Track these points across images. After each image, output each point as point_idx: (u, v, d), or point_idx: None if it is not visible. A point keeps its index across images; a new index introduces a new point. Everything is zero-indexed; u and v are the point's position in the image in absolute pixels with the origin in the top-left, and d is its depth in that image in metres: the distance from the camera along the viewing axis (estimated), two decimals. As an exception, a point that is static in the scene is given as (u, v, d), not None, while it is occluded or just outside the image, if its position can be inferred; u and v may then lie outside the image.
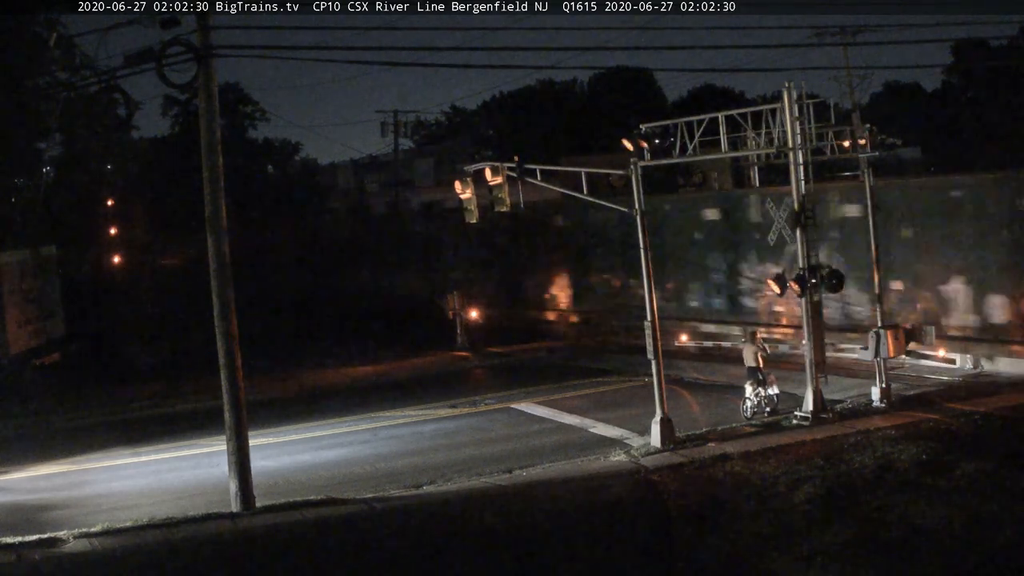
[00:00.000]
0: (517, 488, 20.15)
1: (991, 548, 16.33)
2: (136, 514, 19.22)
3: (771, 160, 27.37)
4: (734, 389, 26.14)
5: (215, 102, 19.55)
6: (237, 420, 19.58)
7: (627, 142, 23.38)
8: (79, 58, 36.33)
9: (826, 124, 24.94)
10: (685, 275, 35.50)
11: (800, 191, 23.52)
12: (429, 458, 23.11)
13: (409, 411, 28.46)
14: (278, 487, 20.91)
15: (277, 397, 31.58)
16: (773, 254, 31.43)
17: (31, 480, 23.43)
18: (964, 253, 27.39)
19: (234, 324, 19.65)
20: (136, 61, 19.09)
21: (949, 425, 22.34)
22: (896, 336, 24.31)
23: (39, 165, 42.17)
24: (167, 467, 24.04)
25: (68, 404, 31.77)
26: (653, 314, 22.78)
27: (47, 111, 37.55)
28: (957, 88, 66.42)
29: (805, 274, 23.22)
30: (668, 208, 36.14)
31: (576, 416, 26.26)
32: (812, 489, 19.11)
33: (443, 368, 35.89)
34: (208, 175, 19.54)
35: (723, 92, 74.47)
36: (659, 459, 21.47)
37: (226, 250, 19.62)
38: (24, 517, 19.89)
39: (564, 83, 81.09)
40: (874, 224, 25.70)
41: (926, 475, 19.28)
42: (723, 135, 24.05)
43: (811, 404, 23.58)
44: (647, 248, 22.97)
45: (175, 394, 33.01)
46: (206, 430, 25.70)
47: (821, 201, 30.05)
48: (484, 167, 24.12)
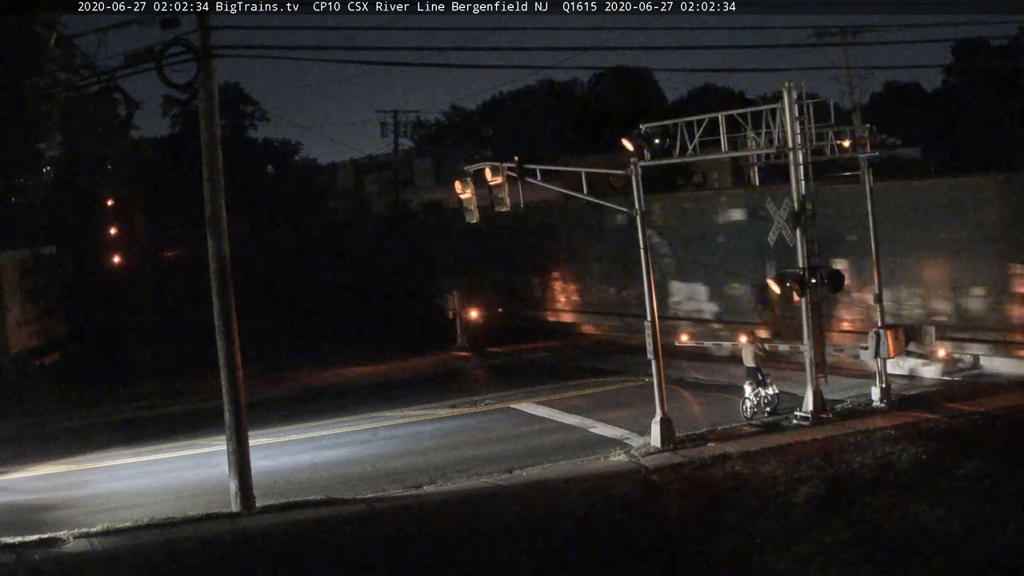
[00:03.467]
0: (517, 488, 20.16)
1: (991, 548, 16.32)
2: (136, 514, 19.23)
3: (771, 160, 27.37)
4: (734, 389, 26.14)
5: (215, 102, 19.56)
6: (237, 420, 19.60)
7: (627, 142, 23.39)
8: (79, 58, 36.45)
9: (826, 124, 24.93)
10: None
11: (800, 191, 23.54)
12: (429, 458, 23.11)
13: (409, 411, 28.45)
14: (278, 487, 20.91)
15: (277, 397, 31.56)
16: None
17: (31, 480, 23.43)
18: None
19: (234, 324, 19.66)
20: (136, 61, 19.15)
21: (949, 425, 22.35)
22: (896, 336, 24.32)
23: (39, 165, 42.20)
24: (167, 467, 24.04)
25: (68, 404, 31.77)
26: (653, 314, 22.80)
27: (47, 111, 37.60)
28: (957, 88, 66.43)
29: (805, 274, 23.23)
30: (688, 206, 36.21)
31: (576, 416, 26.26)
32: (812, 489, 19.12)
33: (443, 368, 35.87)
34: (208, 175, 19.55)
35: (723, 92, 74.51)
36: (659, 459, 21.48)
37: (226, 250, 19.63)
38: (24, 517, 19.89)
39: (564, 83, 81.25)
40: (874, 224, 25.68)
41: (926, 475, 19.28)
42: (723, 135, 24.05)
43: (811, 404, 23.59)
44: (647, 248, 22.99)
45: (175, 394, 33.00)
46: (206, 430, 25.70)
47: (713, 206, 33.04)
48: (484, 167, 24.09)
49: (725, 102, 47.96)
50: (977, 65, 59.33)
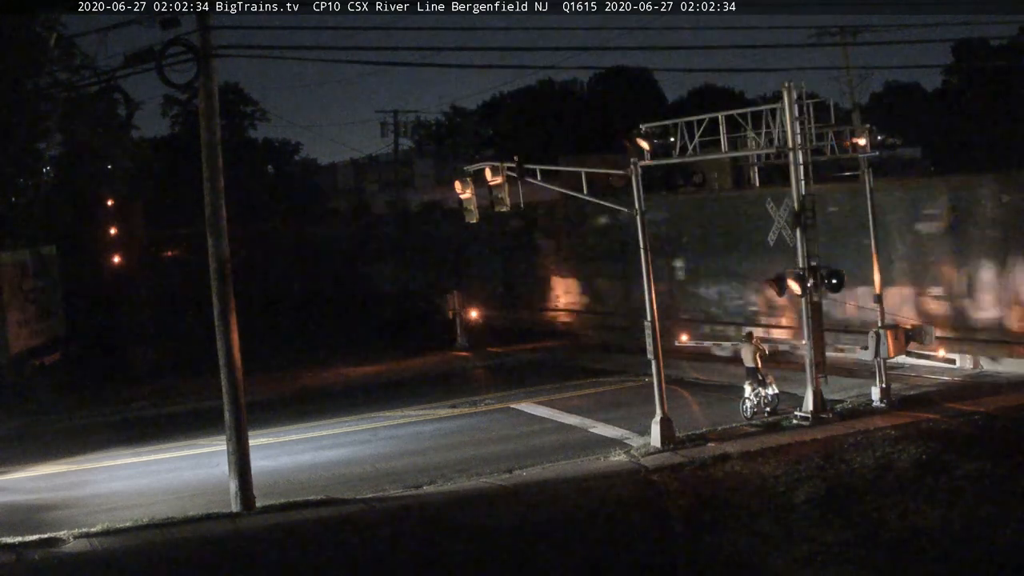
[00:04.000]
0: (517, 488, 20.15)
1: (991, 548, 16.32)
2: (136, 514, 19.22)
3: (771, 160, 27.37)
4: (734, 389, 26.13)
5: (215, 102, 19.56)
6: (237, 420, 19.59)
7: (627, 142, 23.39)
8: (79, 58, 36.43)
9: (826, 124, 24.94)
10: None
11: (800, 191, 23.54)
12: (429, 458, 23.11)
13: (409, 411, 28.45)
14: (278, 487, 20.91)
15: (277, 397, 31.54)
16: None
17: (31, 480, 23.43)
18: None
19: (234, 324, 19.66)
20: (136, 61, 19.17)
21: (949, 425, 22.35)
22: (896, 336, 24.31)
23: (39, 165, 42.17)
24: (167, 467, 24.03)
25: (68, 404, 31.77)
26: (653, 314, 22.78)
27: (47, 111, 37.60)
28: (957, 88, 66.44)
29: (805, 274, 23.22)
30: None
31: (576, 416, 26.25)
32: (812, 489, 19.12)
33: (443, 368, 35.86)
34: (208, 175, 19.55)
35: (723, 92, 74.48)
36: (659, 459, 21.47)
37: (226, 250, 19.63)
38: (24, 517, 19.90)
39: (564, 83, 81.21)
40: (874, 224, 25.68)
41: (926, 475, 19.28)
42: (723, 135, 24.04)
43: (811, 404, 23.58)
44: (647, 248, 22.97)
45: (175, 394, 33.00)
46: (206, 430, 25.69)
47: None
48: (484, 167, 24.11)
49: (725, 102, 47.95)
50: (977, 65, 59.35)
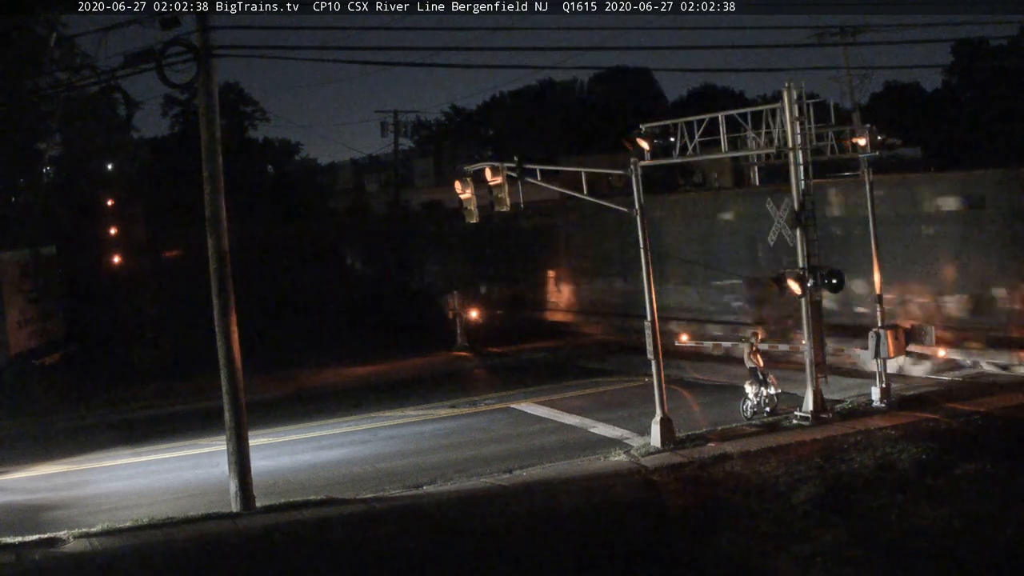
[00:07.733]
0: (517, 488, 20.15)
1: (991, 548, 16.31)
2: (136, 514, 19.23)
3: (771, 160, 27.37)
4: (734, 389, 26.13)
5: (215, 102, 19.55)
6: (237, 420, 19.59)
7: (627, 142, 23.40)
8: (79, 58, 36.47)
9: (826, 124, 24.94)
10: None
11: (800, 191, 23.54)
12: (429, 458, 23.11)
13: (409, 411, 28.45)
14: (278, 487, 20.91)
15: (277, 397, 31.56)
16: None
17: (31, 480, 23.44)
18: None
19: (234, 324, 19.66)
20: (136, 61, 19.10)
21: (949, 425, 22.35)
22: (896, 336, 24.31)
23: (39, 165, 42.20)
24: (167, 467, 24.04)
25: (68, 404, 31.79)
26: (653, 314, 22.79)
27: (47, 111, 37.63)
28: (957, 88, 66.44)
29: (804, 274, 23.22)
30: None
31: (576, 416, 26.25)
32: (812, 489, 19.10)
33: (443, 368, 35.86)
34: (208, 175, 19.55)
35: (723, 92, 74.53)
36: (659, 459, 21.47)
37: (226, 250, 19.62)
38: (24, 517, 19.90)
39: (564, 83, 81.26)
40: (874, 224, 25.68)
41: (926, 475, 19.27)
42: (723, 135, 24.06)
43: (811, 404, 23.58)
44: (647, 248, 22.97)
45: (175, 394, 33.02)
46: (206, 430, 25.71)
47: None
48: (484, 167, 24.12)
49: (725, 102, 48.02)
50: (977, 65, 59.35)
